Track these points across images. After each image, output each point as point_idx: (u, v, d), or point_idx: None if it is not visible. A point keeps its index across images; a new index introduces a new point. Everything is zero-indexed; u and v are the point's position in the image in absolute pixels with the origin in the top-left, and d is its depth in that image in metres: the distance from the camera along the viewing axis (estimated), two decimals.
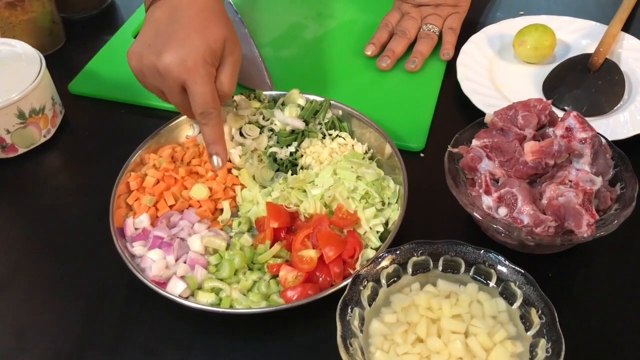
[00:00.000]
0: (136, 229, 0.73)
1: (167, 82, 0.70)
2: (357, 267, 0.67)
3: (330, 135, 0.81)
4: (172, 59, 0.69)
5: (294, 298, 0.65)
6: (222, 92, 0.73)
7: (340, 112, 0.82)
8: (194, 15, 0.71)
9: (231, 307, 0.66)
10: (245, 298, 0.67)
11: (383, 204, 0.73)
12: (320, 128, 0.81)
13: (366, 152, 0.80)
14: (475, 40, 0.97)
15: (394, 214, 0.72)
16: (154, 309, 0.69)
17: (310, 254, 0.67)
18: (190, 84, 0.69)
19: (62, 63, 1.02)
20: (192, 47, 0.69)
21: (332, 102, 0.82)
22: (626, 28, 0.98)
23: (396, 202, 0.74)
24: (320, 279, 0.67)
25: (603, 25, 0.97)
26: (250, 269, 0.69)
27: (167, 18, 0.72)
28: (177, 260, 0.70)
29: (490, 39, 0.98)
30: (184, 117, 0.82)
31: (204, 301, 0.67)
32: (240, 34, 1.00)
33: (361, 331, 0.61)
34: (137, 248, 0.71)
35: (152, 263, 0.68)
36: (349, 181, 0.73)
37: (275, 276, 0.68)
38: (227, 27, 0.73)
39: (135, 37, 1.03)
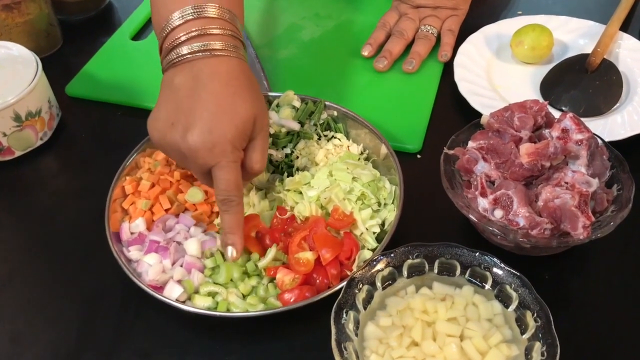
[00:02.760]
0: (132, 233, 0.73)
1: (191, 165, 0.66)
2: (354, 268, 0.67)
3: (325, 136, 0.81)
4: (197, 144, 0.63)
5: (292, 301, 0.65)
6: (252, 170, 0.68)
7: (335, 113, 0.82)
8: (219, 90, 0.65)
9: (228, 310, 0.66)
10: (242, 301, 0.66)
11: (379, 204, 0.73)
12: (316, 129, 0.81)
13: (361, 153, 0.80)
14: (473, 41, 0.97)
15: (390, 214, 0.72)
16: (150, 313, 0.69)
17: (307, 256, 0.67)
18: (216, 169, 0.64)
19: (59, 65, 1.02)
20: (219, 133, 0.63)
21: (326, 103, 0.82)
22: (624, 28, 0.97)
23: (392, 203, 0.73)
24: (318, 280, 0.67)
25: (601, 25, 0.97)
26: (247, 275, 0.69)
27: (188, 89, 0.65)
28: (173, 264, 0.70)
29: (488, 39, 0.98)
30: None
31: (200, 305, 0.66)
32: None
33: (356, 334, 0.60)
34: (133, 252, 0.71)
35: (149, 267, 0.68)
36: (344, 182, 0.73)
37: (273, 279, 0.68)
38: (256, 102, 0.67)
39: (132, 39, 1.05)
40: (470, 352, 0.58)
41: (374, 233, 0.71)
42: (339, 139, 0.80)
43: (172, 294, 0.67)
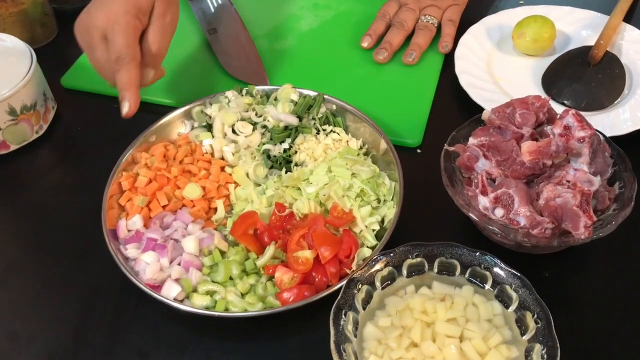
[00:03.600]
0: (129, 230, 0.73)
1: (91, 34, 0.74)
2: (354, 266, 0.66)
3: (324, 130, 0.80)
4: (97, 14, 0.73)
5: (290, 300, 0.64)
6: (150, 51, 0.75)
7: (334, 107, 0.81)
8: None
9: (226, 309, 0.66)
10: (240, 300, 0.66)
11: (379, 201, 0.73)
12: (314, 123, 0.80)
13: (361, 148, 0.79)
14: (474, 32, 0.96)
15: (390, 211, 0.71)
16: (148, 311, 0.69)
17: (306, 254, 0.66)
18: (108, 31, 0.73)
19: (54, 56, 1.00)
20: (115, 2, 0.73)
21: (325, 96, 0.81)
22: (628, 19, 0.96)
23: (392, 200, 0.73)
24: (317, 279, 0.67)
25: (604, 16, 0.95)
26: (246, 273, 0.69)
27: None
28: (171, 262, 0.69)
29: (489, 30, 0.96)
30: (176, 113, 0.82)
31: (199, 304, 0.66)
32: (236, 26, 0.99)
33: (355, 335, 0.60)
34: (131, 250, 0.70)
35: (146, 266, 0.68)
36: (343, 179, 0.72)
37: (271, 277, 0.67)
38: None
39: None
40: (469, 353, 0.58)
41: (373, 230, 0.70)
42: (338, 134, 0.79)
43: (170, 293, 0.66)
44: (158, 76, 0.78)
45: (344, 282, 0.62)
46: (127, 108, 0.73)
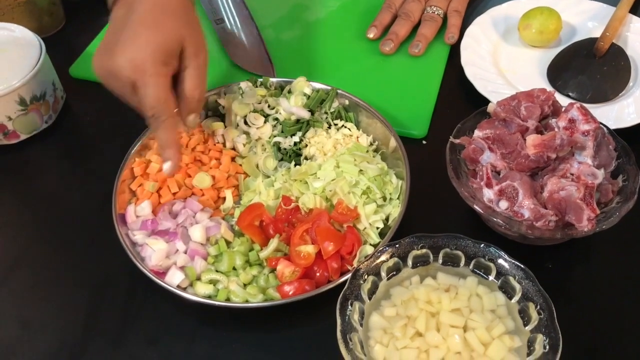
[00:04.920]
0: (138, 216, 0.74)
1: (119, 84, 0.68)
2: (355, 263, 0.67)
3: (335, 125, 0.80)
4: (120, 59, 0.65)
5: (290, 293, 0.65)
6: (190, 97, 0.69)
7: (346, 102, 0.81)
8: (146, 10, 0.67)
9: (228, 299, 0.67)
10: (242, 290, 0.67)
11: (384, 199, 0.73)
12: (326, 118, 0.81)
13: (371, 144, 0.79)
14: (480, 23, 0.96)
15: (395, 210, 0.72)
16: (157, 298, 0.70)
17: (308, 249, 0.67)
18: (139, 86, 0.66)
19: (62, 45, 1.01)
20: (139, 46, 0.65)
21: (339, 91, 0.81)
22: (634, 10, 0.96)
23: (397, 198, 0.73)
24: (318, 274, 0.67)
25: (610, 7, 0.95)
26: (249, 264, 0.70)
27: (122, 16, 0.69)
28: (177, 250, 0.70)
29: (495, 21, 0.96)
30: None
31: (201, 292, 0.67)
32: (242, 16, 1.00)
33: (361, 325, 0.61)
34: (138, 236, 0.71)
35: (152, 252, 0.69)
36: (350, 175, 0.72)
37: (274, 270, 0.68)
38: (185, 25, 0.69)
39: None
40: (473, 342, 0.59)
41: (377, 228, 0.71)
42: (349, 129, 0.80)
43: (174, 280, 0.68)
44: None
45: (345, 278, 0.63)
46: (170, 168, 0.69)
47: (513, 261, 0.63)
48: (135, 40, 0.66)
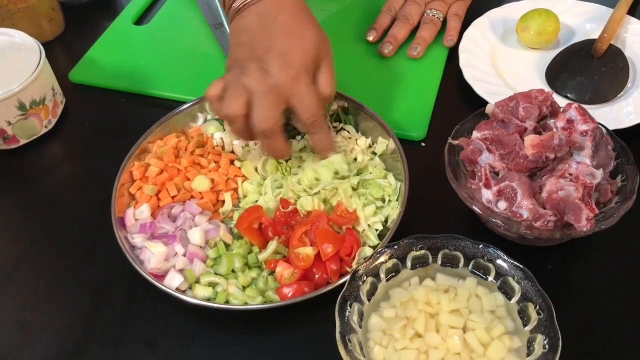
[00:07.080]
0: (137, 219, 0.74)
1: (268, 101, 0.67)
2: (354, 265, 0.67)
3: (334, 127, 0.81)
4: (279, 75, 0.66)
5: (289, 295, 0.65)
6: (324, 94, 0.71)
7: (345, 104, 0.81)
8: (288, 20, 0.68)
9: (227, 302, 0.67)
10: (241, 293, 0.67)
11: (383, 201, 0.73)
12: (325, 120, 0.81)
13: (370, 146, 0.79)
14: (479, 25, 0.96)
15: (394, 212, 0.72)
16: (156, 301, 0.70)
17: (307, 251, 0.67)
18: (296, 99, 0.68)
19: (62, 50, 1.02)
20: (296, 57, 0.67)
21: (337, 93, 0.81)
22: (632, 11, 0.96)
23: (396, 200, 0.73)
24: (317, 276, 0.67)
25: (608, 9, 0.96)
26: (248, 267, 0.70)
27: (258, 26, 0.68)
28: (176, 252, 0.70)
29: (494, 23, 0.97)
30: (190, 106, 0.82)
31: (200, 295, 0.67)
32: None
33: (360, 326, 0.61)
34: (137, 239, 0.71)
35: (151, 255, 0.69)
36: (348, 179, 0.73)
37: (273, 272, 0.68)
38: (318, 27, 0.71)
39: (135, 24, 1.04)
40: (472, 343, 0.59)
41: (376, 230, 0.71)
42: (348, 131, 0.80)
43: (173, 282, 0.68)
44: None
45: (344, 279, 0.63)
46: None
47: (512, 261, 0.63)
48: (290, 51, 0.67)
